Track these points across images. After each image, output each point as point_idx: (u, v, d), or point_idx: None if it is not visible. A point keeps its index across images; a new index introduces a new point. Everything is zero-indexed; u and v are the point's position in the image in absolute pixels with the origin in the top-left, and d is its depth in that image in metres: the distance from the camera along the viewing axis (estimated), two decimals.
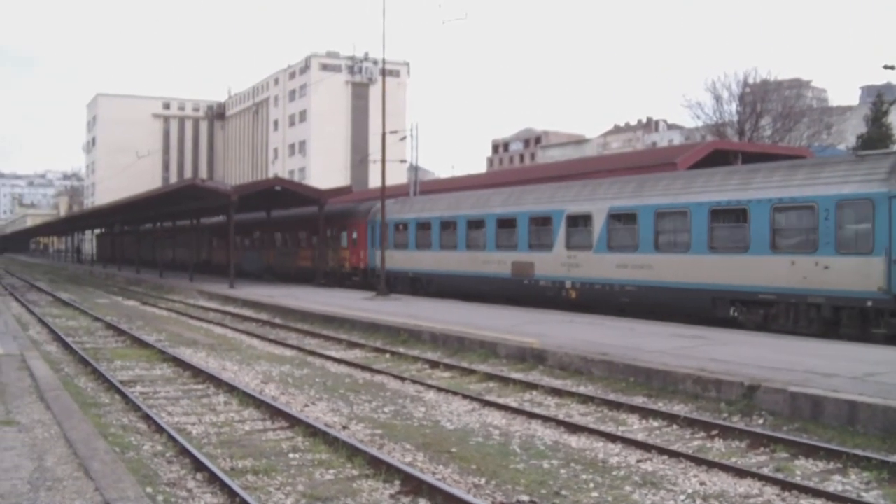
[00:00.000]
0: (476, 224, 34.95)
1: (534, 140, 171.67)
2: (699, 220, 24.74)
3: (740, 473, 10.37)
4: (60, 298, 41.25)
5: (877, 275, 20.08)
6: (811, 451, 11.28)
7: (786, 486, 9.90)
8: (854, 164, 21.82)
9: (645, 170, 33.33)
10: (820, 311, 21.58)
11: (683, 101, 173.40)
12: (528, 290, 31.31)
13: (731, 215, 24.03)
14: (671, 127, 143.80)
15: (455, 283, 35.81)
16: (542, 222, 31.25)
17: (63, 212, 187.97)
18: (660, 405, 14.42)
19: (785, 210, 22.50)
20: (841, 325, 21.26)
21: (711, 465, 10.76)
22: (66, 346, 22.53)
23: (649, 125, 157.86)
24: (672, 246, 25.77)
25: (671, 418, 13.44)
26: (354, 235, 44.82)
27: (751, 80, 69.49)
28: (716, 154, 39.78)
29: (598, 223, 28.40)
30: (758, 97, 68.17)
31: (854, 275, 20.61)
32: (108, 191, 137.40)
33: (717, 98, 69.38)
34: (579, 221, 29.43)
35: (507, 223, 33.02)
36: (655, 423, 13.35)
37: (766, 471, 10.54)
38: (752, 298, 23.18)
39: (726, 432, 12.45)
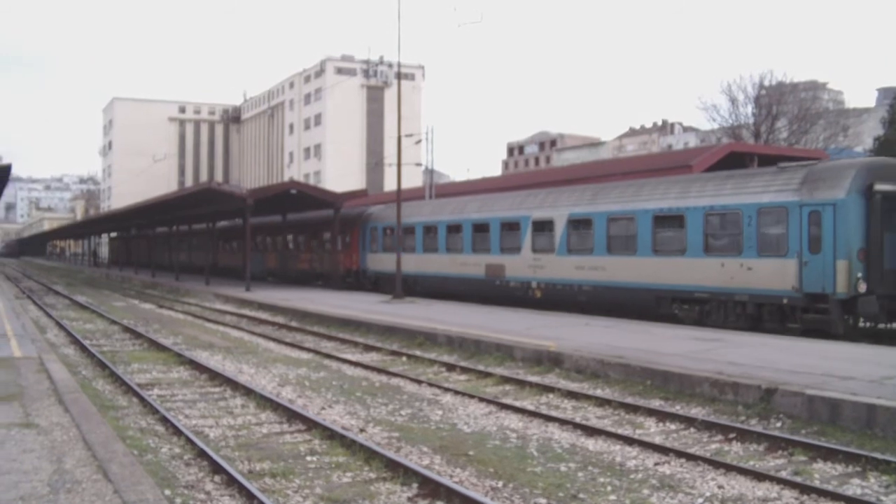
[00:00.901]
0: (454, 229, 37.48)
1: (549, 143, 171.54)
2: (644, 225, 27.18)
3: (758, 477, 10.34)
4: (77, 301, 41.43)
5: (791, 275, 22.46)
6: (830, 455, 11.24)
7: (804, 489, 9.86)
8: (774, 175, 24.00)
9: (661, 173, 33.53)
10: (745, 308, 23.87)
11: (699, 104, 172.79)
12: (500, 290, 33.70)
13: (672, 221, 26.37)
14: (686, 129, 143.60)
15: (437, 284, 38.00)
16: (511, 227, 33.65)
17: (79, 215, 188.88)
18: (677, 408, 14.39)
19: (716, 216, 24.94)
20: (763, 321, 23.44)
21: (729, 468, 10.73)
22: (83, 349, 22.63)
23: (664, 128, 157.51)
24: (622, 249, 28.14)
25: (688, 421, 13.40)
26: (347, 239, 46.72)
27: (766, 83, 69.12)
28: (732, 156, 39.59)
29: (560, 228, 30.90)
30: (773, 99, 67.81)
31: (772, 275, 22.99)
32: (124, 194, 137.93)
33: (733, 100, 69.04)
34: (543, 226, 31.80)
35: (481, 228, 35.55)
36: (673, 426, 13.32)
37: (784, 474, 10.51)
38: (689, 297, 25.49)
39: (744, 435, 12.42)
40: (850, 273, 21.37)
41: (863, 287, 21.30)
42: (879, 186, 21.70)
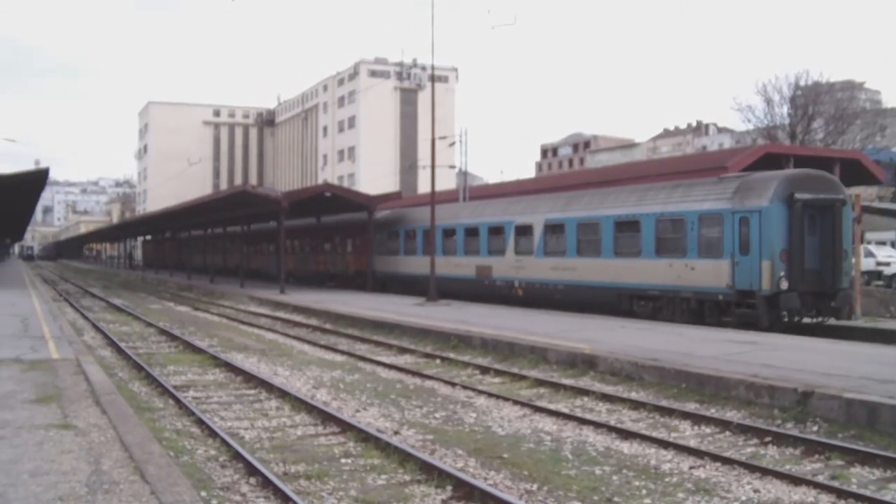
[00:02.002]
0: (449, 233, 40.55)
1: (583, 144, 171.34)
2: (607, 230, 30.09)
3: (795, 481, 10.26)
4: (114, 304, 41.76)
5: (725, 274, 25.17)
6: (867, 459, 11.14)
7: (841, 494, 9.78)
8: (715, 185, 26.91)
9: (694, 175, 33.82)
10: (689, 304, 26.57)
11: (734, 105, 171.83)
12: (488, 289, 36.76)
13: (630, 226, 29.20)
14: (721, 130, 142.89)
15: (435, 284, 39.28)
16: (497, 232, 36.84)
17: (115, 218, 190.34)
18: (712, 411, 14.30)
19: (665, 222, 27.69)
20: (704, 316, 26.05)
21: (765, 472, 10.65)
22: (119, 351, 22.79)
23: (699, 129, 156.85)
24: (589, 251, 31.10)
25: (724, 425, 13.33)
26: (357, 243, 50.30)
27: (802, 83, 68.57)
28: (767, 157, 39.30)
29: (538, 232, 33.94)
30: (809, 99, 67.21)
31: (710, 274, 25.74)
32: (159, 197, 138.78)
33: (768, 101, 68.51)
34: (524, 231, 34.83)
35: (472, 232, 38.80)
36: (708, 430, 13.25)
37: (821, 478, 10.42)
38: (644, 294, 28.41)
39: (780, 439, 12.33)
40: (773, 272, 24.15)
41: (784, 284, 24.07)
42: (799, 195, 24.42)
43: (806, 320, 25.44)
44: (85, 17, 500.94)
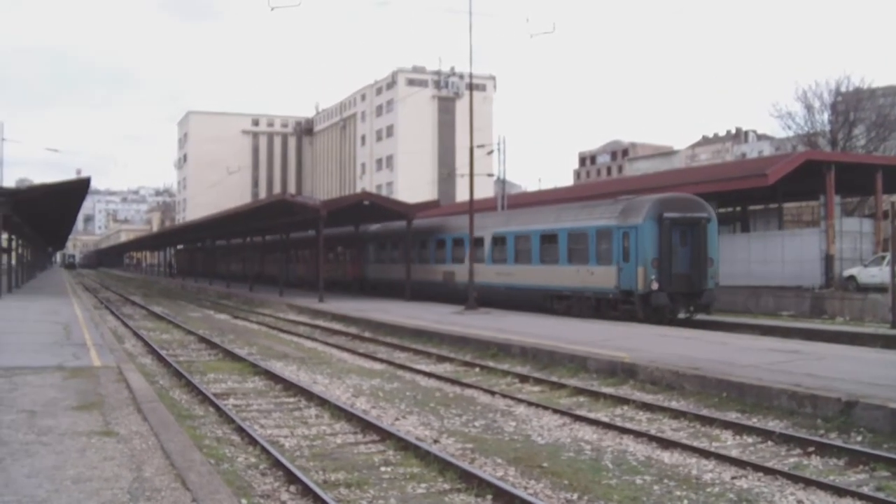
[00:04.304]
0: (422, 244, 47.08)
1: (621, 152, 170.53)
2: (535, 242, 36.12)
3: (839, 492, 10.12)
4: (154, 312, 42.08)
5: (613, 277, 30.93)
6: None
7: None
8: (609, 206, 32.78)
9: (733, 183, 35.48)
10: (590, 302, 32.36)
11: (773, 111, 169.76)
12: (452, 292, 42.10)
13: (551, 239, 35.03)
14: (761, 137, 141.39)
15: (413, 288, 45.66)
16: (458, 243, 42.71)
17: (155, 227, 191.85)
18: (754, 421, 14.17)
19: (574, 235, 33.41)
20: (601, 311, 31.59)
21: (808, 482, 10.53)
22: (160, 358, 22.95)
23: (738, 136, 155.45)
24: (523, 260, 37.06)
25: (766, 434, 13.19)
26: (354, 253, 57.29)
27: (843, 89, 67.59)
28: (808, 165, 39.02)
29: (487, 244, 39.88)
30: (851, 106, 66.31)
31: (604, 277, 31.48)
32: (198, 206, 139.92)
33: (809, 107, 67.56)
34: (478, 242, 39.85)
35: (441, 244, 45.11)
36: (750, 440, 13.12)
37: (865, 490, 10.28)
38: (560, 294, 34.28)
39: (823, 449, 12.18)
40: (646, 276, 29.63)
41: (655, 286, 29.57)
42: (668, 214, 29.95)
43: (681, 315, 30.75)
44: (127, 27, 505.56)
